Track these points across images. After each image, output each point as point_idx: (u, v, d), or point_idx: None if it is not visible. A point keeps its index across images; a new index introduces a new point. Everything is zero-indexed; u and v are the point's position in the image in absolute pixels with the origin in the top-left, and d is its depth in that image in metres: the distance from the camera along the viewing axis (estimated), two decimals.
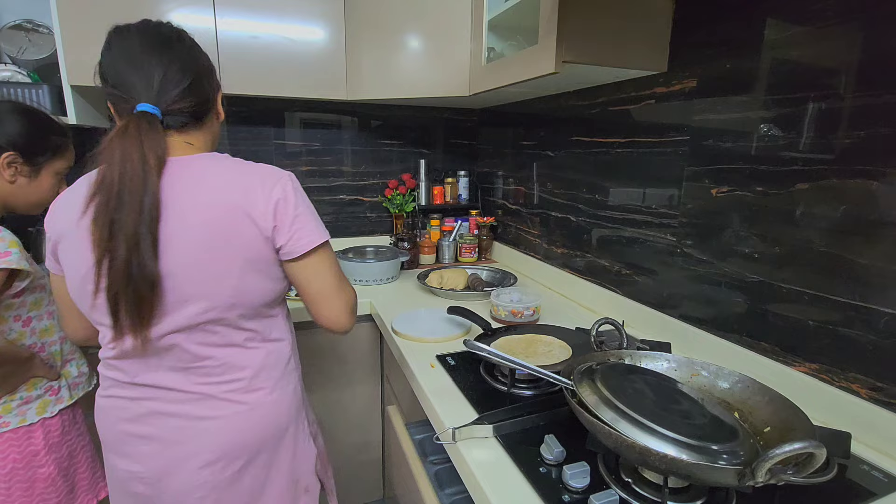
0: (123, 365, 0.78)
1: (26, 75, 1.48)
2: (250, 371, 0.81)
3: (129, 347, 0.75)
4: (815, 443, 0.52)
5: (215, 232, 0.73)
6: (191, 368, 0.78)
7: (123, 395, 0.80)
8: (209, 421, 0.79)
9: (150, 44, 0.76)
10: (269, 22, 1.57)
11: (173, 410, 0.78)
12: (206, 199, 0.73)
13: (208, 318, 0.75)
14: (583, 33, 1.04)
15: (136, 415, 0.79)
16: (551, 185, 1.66)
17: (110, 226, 0.68)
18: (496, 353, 0.83)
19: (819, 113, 0.84)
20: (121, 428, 0.80)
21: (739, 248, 1.00)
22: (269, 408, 0.83)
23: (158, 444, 0.79)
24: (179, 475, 0.79)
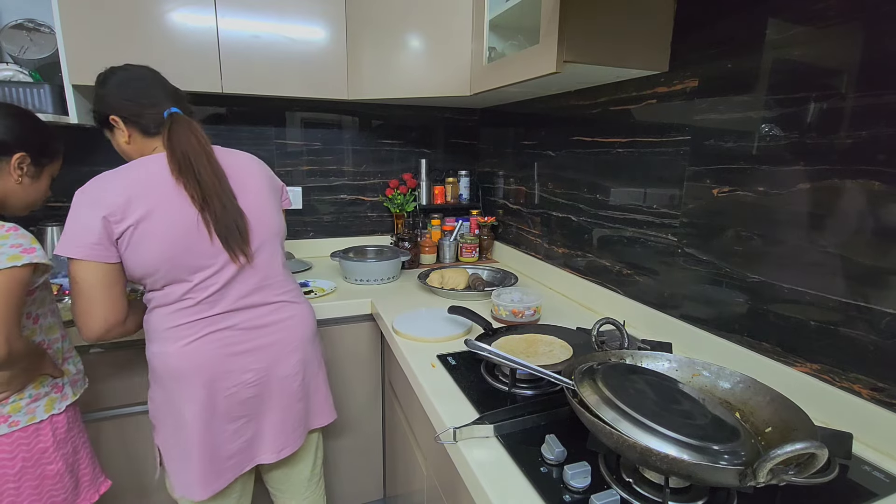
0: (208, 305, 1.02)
1: (28, 75, 1.48)
2: (293, 284, 1.18)
3: (233, 271, 1.03)
4: (817, 443, 0.52)
5: (262, 183, 1.11)
6: (267, 286, 1.09)
7: (212, 330, 1.02)
8: (288, 320, 1.12)
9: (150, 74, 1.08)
10: (270, 21, 1.57)
11: (264, 320, 1.08)
12: (244, 162, 1.11)
13: (275, 239, 1.11)
14: (584, 33, 1.04)
15: (234, 337, 1.04)
16: (552, 185, 1.66)
17: (199, 187, 0.97)
18: (497, 353, 0.83)
19: (820, 113, 0.84)
20: (226, 353, 1.03)
21: (741, 248, 1.00)
22: (310, 307, 1.21)
23: (261, 351, 1.07)
24: (281, 363, 1.10)
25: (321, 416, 1.22)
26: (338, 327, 1.54)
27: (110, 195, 0.92)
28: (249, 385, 1.06)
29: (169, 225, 0.95)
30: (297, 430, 1.15)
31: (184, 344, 1.00)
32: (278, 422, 1.11)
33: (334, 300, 1.51)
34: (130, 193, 0.93)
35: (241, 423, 1.07)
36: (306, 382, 1.16)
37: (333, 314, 1.50)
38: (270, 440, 1.11)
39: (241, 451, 1.08)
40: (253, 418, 1.09)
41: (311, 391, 1.19)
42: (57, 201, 1.71)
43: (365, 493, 1.73)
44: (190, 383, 1.00)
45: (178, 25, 1.47)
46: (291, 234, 2.03)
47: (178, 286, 0.99)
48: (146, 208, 0.93)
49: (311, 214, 2.05)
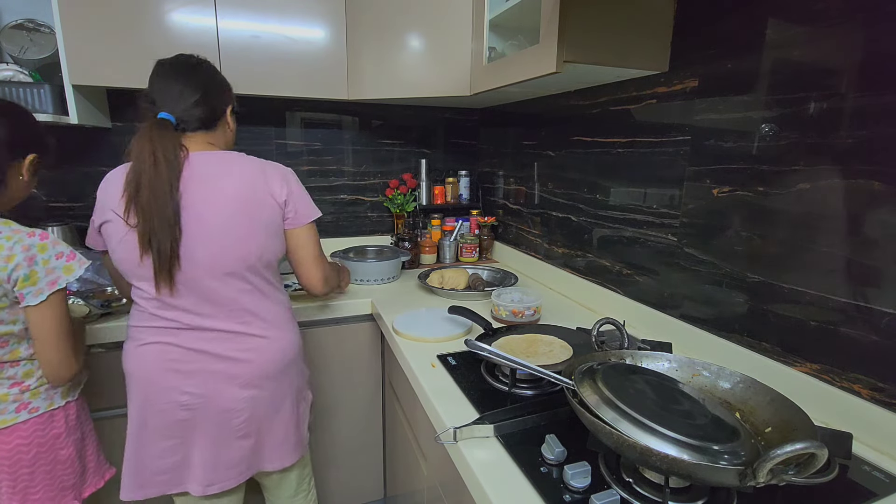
0: (169, 313, 0.98)
1: (28, 75, 1.48)
2: (268, 315, 1.06)
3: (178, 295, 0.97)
4: (817, 443, 0.52)
5: (238, 206, 0.97)
6: (224, 315, 1.00)
7: (164, 341, 0.99)
8: (246, 352, 1.03)
9: (176, 69, 1.01)
10: (270, 22, 1.57)
11: (215, 347, 1.01)
12: (229, 181, 0.97)
13: (239, 268, 0.99)
14: (584, 33, 1.04)
15: (182, 354, 1.00)
16: (552, 185, 1.66)
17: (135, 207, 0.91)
18: (497, 353, 0.83)
19: (820, 113, 0.84)
20: (166, 367, 0.99)
21: (741, 248, 1.00)
22: (287, 340, 1.09)
23: (204, 374, 1.00)
24: (222, 396, 1.01)
25: (273, 459, 1.11)
26: (338, 327, 1.54)
27: (102, 192, 0.99)
28: (182, 407, 1.00)
29: (117, 230, 0.95)
30: (233, 468, 1.06)
31: (134, 346, 1.01)
32: (210, 455, 1.03)
33: (334, 300, 1.52)
34: (104, 194, 0.98)
35: (171, 443, 1.02)
36: (255, 420, 1.05)
37: (333, 314, 1.50)
38: (199, 472, 1.04)
39: (169, 471, 1.03)
40: (184, 443, 1.02)
41: (264, 431, 1.07)
42: (57, 201, 1.71)
43: (365, 493, 1.73)
44: (132, 386, 1.01)
45: (178, 25, 1.47)
46: None
47: (135, 290, 1.00)
48: (108, 215, 0.96)
49: None
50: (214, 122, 1.05)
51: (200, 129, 1.02)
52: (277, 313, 1.08)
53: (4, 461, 0.97)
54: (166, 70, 1.00)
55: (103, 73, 1.43)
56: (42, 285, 0.92)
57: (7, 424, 0.97)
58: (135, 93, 1.65)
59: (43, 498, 1.02)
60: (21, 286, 0.90)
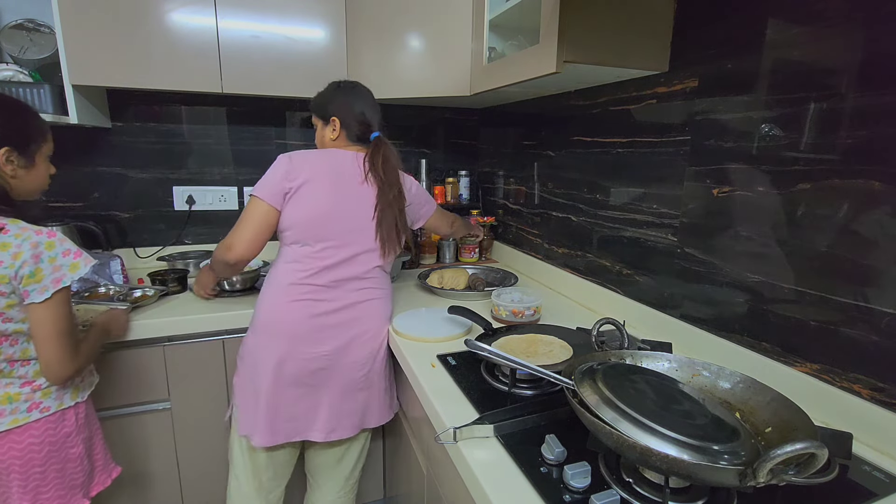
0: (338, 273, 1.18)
1: (28, 75, 1.48)
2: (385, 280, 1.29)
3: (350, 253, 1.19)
4: (817, 443, 0.52)
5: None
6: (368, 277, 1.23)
7: (318, 298, 1.17)
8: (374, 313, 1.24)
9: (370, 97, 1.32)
10: (270, 22, 1.57)
11: (358, 306, 1.21)
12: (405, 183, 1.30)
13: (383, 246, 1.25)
14: (584, 33, 1.04)
15: (323, 310, 1.17)
16: (552, 185, 1.66)
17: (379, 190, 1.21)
18: (497, 353, 0.83)
19: (820, 113, 0.84)
20: (317, 322, 1.16)
21: (741, 248, 1.00)
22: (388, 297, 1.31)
23: (343, 330, 1.19)
24: (355, 350, 1.20)
25: (375, 416, 1.28)
26: None
27: (296, 161, 1.16)
28: (324, 356, 1.16)
29: (323, 195, 1.16)
30: (350, 417, 1.22)
31: (287, 301, 1.16)
32: (336, 403, 1.20)
33: None
34: (309, 164, 1.17)
35: (304, 390, 1.17)
36: (371, 375, 1.23)
37: None
38: (324, 418, 1.20)
39: (298, 418, 1.18)
40: (315, 390, 1.18)
41: (375, 386, 1.25)
42: (58, 201, 1.71)
43: (365, 493, 1.73)
44: (276, 336, 1.15)
45: (178, 25, 1.47)
46: None
47: (302, 247, 1.17)
48: (309, 176, 1.15)
49: None
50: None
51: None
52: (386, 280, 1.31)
53: (16, 460, 0.97)
54: (368, 98, 1.29)
55: (103, 73, 1.43)
56: (47, 282, 0.92)
57: (19, 424, 0.97)
58: (134, 93, 1.65)
59: (53, 496, 1.02)
60: (26, 283, 0.90)
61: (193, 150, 1.85)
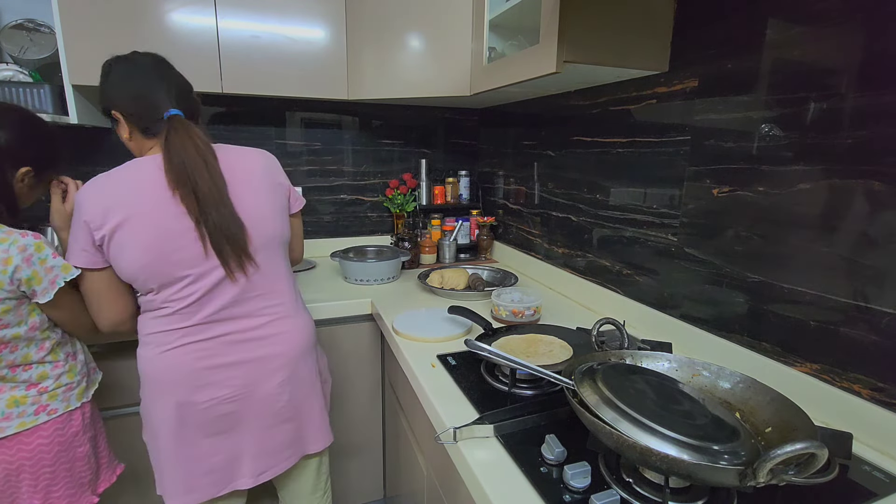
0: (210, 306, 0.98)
1: (28, 75, 1.48)
2: (290, 294, 1.10)
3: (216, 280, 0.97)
4: (817, 443, 0.52)
5: (263, 185, 1.04)
6: (255, 297, 1.03)
7: (197, 339, 0.99)
8: (278, 335, 1.06)
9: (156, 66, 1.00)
10: (270, 22, 1.57)
11: (250, 335, 1.03)
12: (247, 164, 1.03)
13: (271, 246, 1.04)
14: (584, 33, 1.04)
15: (217, 351, 1.00)
16: (552, 185, 1.66)
17: (196, 199, 0.92)
18: (497, 353, 0.83)
19: (820, 113, 0.84)
20: (202, 365, 0.99)
21: (741, 248, 1.00)
22: (308, 318, 1.15)
23: (242, 366, 1.02)
24: (263, 383, 1.04)
25: (315, 440, 1.15)
26: (338, 327, 1.53)
27: (92, 201, 0.91)
28: (227, 401, 1.00)
29: (146, 233, 0.91)
30: (282, 452, 1.09)
31: (160, 352, 0.98)
32: (258, 442, 1.05)
33: (334, 300, 1.51)
34: (110, 200, 0.90)
35: (219, 438, 1.02)
36: (295, 403, 1.08)
37: (333, 314, 1.50)
38: (250, 462, 1.05)
39: (216, 470, 1.03)
40: (231, 435, 1.03)
41: (304, 412, 1.11)
42: None
43: (365, 493, 1.73)
44: (162, 391, 0.98)
45: (178, 25, 1.47)
46: None
47: (157, 294, 0.96)
48: (123, 215, 0.90)
49: (312, 214, 2.05)
50: (198, 119, 1.07)
51: (193, 120, 1.01)
52: (296, 294, 1.14)
53: (26, 462, 0.98)
54: (144, 67, 0.98)
55: None
56: (45, 284, 0.92)
57: (27, 427, 0.97)
58: None
59: (63, 495, 1.03)
60: (28, 285, 0.91)
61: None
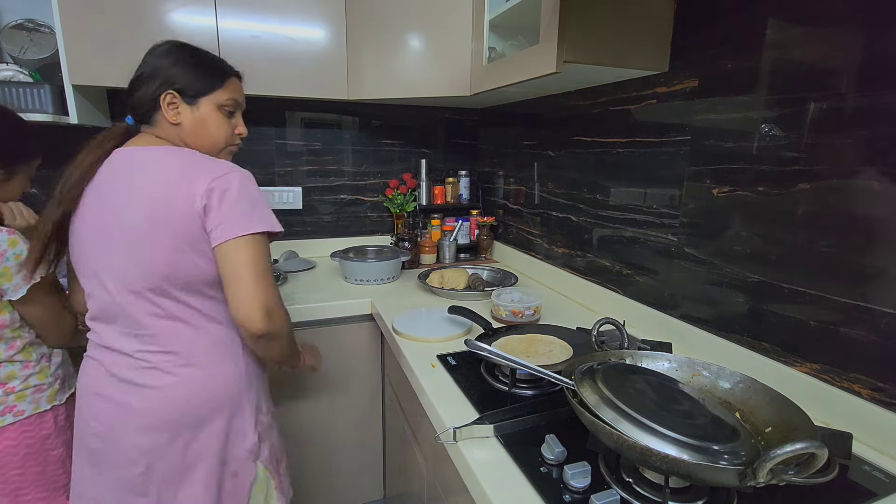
0: (95, 326, 0.89)
1: (28, 75, 1.48)
2: (186, 346, 0.87)
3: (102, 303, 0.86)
4: (817, 443, 0.52)
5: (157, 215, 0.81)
6: (138, 335, 0.85)
7: (93, 356, 0.90)
8: (147, 389, 0.85)
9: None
10: (270, 22, 1.57)
11: (123, 374, 0.85)
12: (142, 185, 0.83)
13: (147, 286, 0.83)
14: (584, 33, 1.04)
15: (101, 374, 0.87)
16: (552, 185, 1.66)
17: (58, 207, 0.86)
18: (497, 353, 0.83)
19: (820, 113, 0.84)
20: (88, 385, 0.89)
21: (741, 248, 1.00)
22: (200, 385, 0.87)
23: (111, 403, 0.86)
24: (123, 436, 0.85)
25: None
26: (338, 327, 1.53)
27: None
28: (94, 435, 0.87)
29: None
30: None
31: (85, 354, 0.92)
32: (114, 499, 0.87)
33: (334, 300, 1.52)
34: None
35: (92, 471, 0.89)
36: (154, 480, 0.85)
37: (333, 314, 1.50)
38: None
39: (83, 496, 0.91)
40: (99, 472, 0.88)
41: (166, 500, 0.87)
42: None
43: (365, 493, 1.73)
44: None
45: (178, 26, 1.47)
46: (292, 233, 2.02)
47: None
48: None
49: (311, 214, 2.05)
50: (149, 113, 0.90)
51: (142, 122, 0.91)
52: (201, 346, 0.87)
53: None
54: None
55: (103, 73, 1.43)
56: (17, 280, 0.92)
57: None
58: None
59: (34, 498, 1.02)
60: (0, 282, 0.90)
61: None
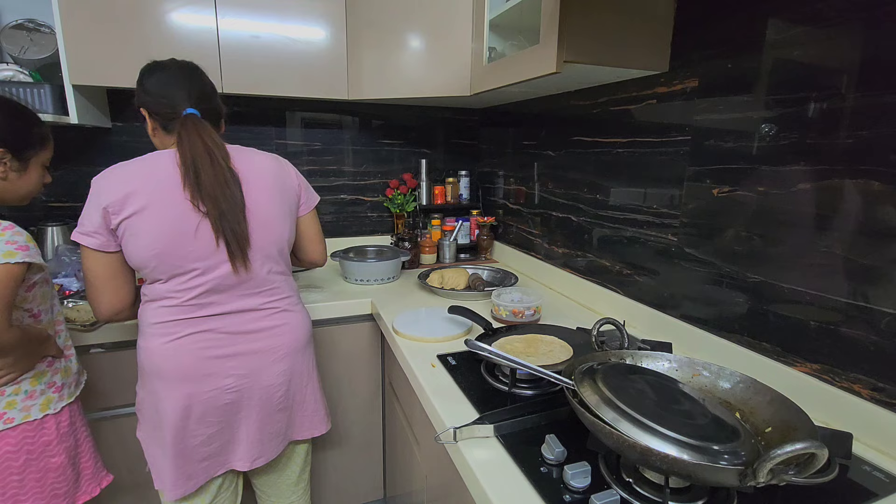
0: (206, 300, 1.02)
1: (28, 75, 1.48)
2: (290, 291, 1.16)
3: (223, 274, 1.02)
4: (817, 443, 0.52)
5: (273, 189, 1.08)
6: (260, 292, 1.08)
7: (200, 329, 1.02)
8: (280, 327, 1.11)
9: (183, 71, 1.07)
10: (270, 22, 1.57)
11: (251, 327, 1.07)
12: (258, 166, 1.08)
13: (276, 247, 1.09)
14: (584, 33, 1.04)
15: (218, 339, 1.03)
16: (552, 185, 1.66)
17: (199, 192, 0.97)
18: (497, 353, 0.83)
19: (820, 113, 0.84)
20: (207, 355, 1.02)
21: (740, 248, 1.00)
22: (306, 316, 1.19)
23: (244, 355, 1.06)
24: (264, 372, 1.08)
25: (306, 428, 1.19)
26: (338, 327, 1.54)
27: (113, 187, 0.95)
28: (228, 391, 1.04)
29: (161, 221, 0.96)
30: (273, 440, 1.13)
31: (165, 342, 1.00)
32: (255, 430, 1.09)
33: (334, 300, 1.51)
34: (132, 186, 0.95)
35: (216, 428, 1.05)
36: (291, 393, 1.14)
37: (333, 314, 1.50)
38: (245, 448, 1.09)
39: (214, 454, 1.07)
40: (229, 424, 1.07)
41: (297, 402, 1.16)
42: (58, 201, 1.71)
43: (365, 493, 1.73)
44: (168, 382, 1.01)
45: (178, 25, 1.47)
46: None
47: (165, 283, 1.00)
48: (143, 202, 0.95)
49: None
50: (220, 120, 1.13)
51: (213, 125, 1.06)
52: (296, 292, 1.19)
53: None
54: (173, 72, 1.06)
55: (103, 73, 1.43)
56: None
57: None
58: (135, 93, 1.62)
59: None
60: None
61: None
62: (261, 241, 1.05)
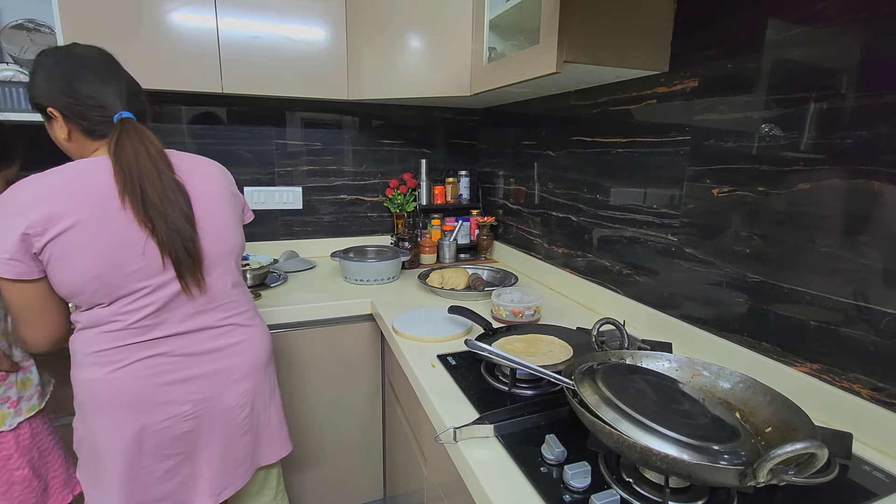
0: (152, 321, 0.91)
1: (28, 75, 1.48)
2: (247, 304, 1.07)
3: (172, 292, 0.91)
4: (817, 443, 0.52)
5: (222, 196, 1.01)
6: (213, 308, 0.98)
7: (151, 354, 0.91)
8: (239, 345, 1.02)
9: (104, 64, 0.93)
10: (270, 22, 1.57)
11: (207, 346, 0.97)
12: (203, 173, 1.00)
13: (229, 258, 1.01)
14: (584, 33, 1.04)
15: (172, 363, 0.93)
16: (552, 185, 1.66)
17: (144, 208, 0.86)
18: (497, 353, 0.83)
19: (820, 113, 0.84)
20: (160, 382, 0.92)
21: (740, 248, 1.00)
22: (265, 330, 1.12)
23: (201, 380, 0.96)
24: (224, 394, 1.00)
25: (272, 450, 1.11)
26: (338, 327, 1.54)
27: (31, 204, 0.80)
28: (186, 418, 0.94)
29: (96, 240, 0.83)
30: (240, 467, 1.04)
31: (109, 371, 0.88)
32: (218, 459, 1.00)
33: (334, 300, 1.52)
34: (54, 202, 0.81)
35: (175, 461, 0.95)
36: (255, 414, 1.05)
37: (333, 314, 1.50)
38: (208, 480, 0.99)
39: (174, 492, 0.96)
40: (189, 456, 0.97)
41: (262, 423, 1.08)
42: None
43: (365, 493, 1.73)
44: (114, 416, 0.89)
45: (178, 26, 1.47)
46: (292, 233, 2.03)
47: (107, 307, 0.88)
48: (71, 220, 0.81)
49: (312, 214, 2.05)
50: (146, 121, 0.98)
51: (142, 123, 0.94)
52: (252, 303, 1.11)
53: None
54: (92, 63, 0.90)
55: None
56: None
57: None
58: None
59: None
60: None
61: (193, 150, 1.84)
62: (216, 252, 0.97)
